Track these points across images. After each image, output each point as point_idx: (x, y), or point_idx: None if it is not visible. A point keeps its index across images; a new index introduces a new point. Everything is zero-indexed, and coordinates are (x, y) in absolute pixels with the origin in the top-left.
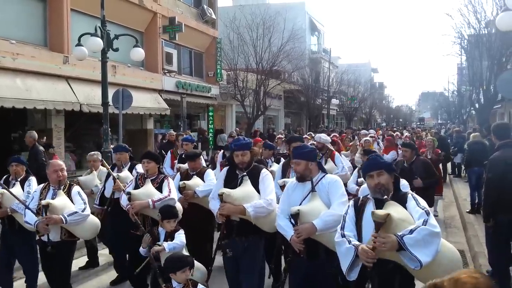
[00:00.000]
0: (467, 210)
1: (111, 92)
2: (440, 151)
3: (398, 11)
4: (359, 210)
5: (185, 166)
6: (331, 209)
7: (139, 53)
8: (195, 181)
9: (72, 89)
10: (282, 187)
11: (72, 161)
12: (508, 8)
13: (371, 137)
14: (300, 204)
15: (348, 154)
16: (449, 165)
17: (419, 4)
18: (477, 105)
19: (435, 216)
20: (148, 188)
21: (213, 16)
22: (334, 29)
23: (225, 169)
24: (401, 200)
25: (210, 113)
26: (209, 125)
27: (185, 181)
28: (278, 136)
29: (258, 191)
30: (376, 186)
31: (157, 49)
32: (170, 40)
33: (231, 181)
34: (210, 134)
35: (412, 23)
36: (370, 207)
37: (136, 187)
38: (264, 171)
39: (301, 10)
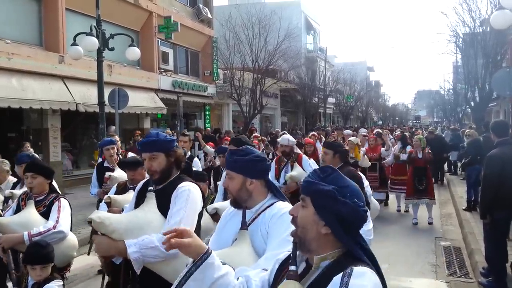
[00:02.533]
0: (464, 208)
1: (107, 91)
2: (429, 150)
3: (394, 10)
4: (276, 279)
5: (116, 175)
6: (257, 264)
7: (134, 53)
8: (129, 195)
9: (68, 89)
10: (215, 217)
11: (68, 161)
12: (503, 6)
13: (363, 136)
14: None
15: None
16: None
17: (414, 2)
18: (472, 103)
19: (430, 223)
20: (27, 214)
21: (209, 15)
22: (330, 28)
23: (141, 182)
24: None
25: (207, 112)
26: (206, 124)
27: (113, 195)
28: (254, 135)
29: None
30: None
31: (153, 48)
32: (166, 39)
33: (143, 198)
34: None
35: (408, 22)
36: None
37: (18, 210)
38: (181, 186)
39: (297, 9)
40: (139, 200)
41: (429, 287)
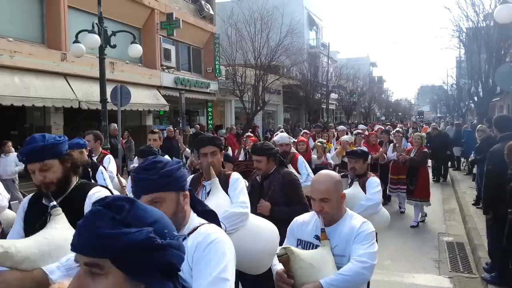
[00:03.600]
0: (473, 203)
1: (109, 88)
2: (426, 150)
3: (397, 5)
4: None
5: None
6: None
7: (136, 50)
8: None
9: (70, 86)
10: None
11: None
12: (506, 0)
13: (358, 133)
14: None
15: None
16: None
17: None
18: (476, 98)
19: (422, 221)
20: None
21: (211, 12)
22: (333, 24)
23: (26, 199)
24: None
25: (209, 109)
26: (208, 121)
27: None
28: (246, 134)
29: None
30: None
31: (155, 45)
32: (168, 36)
33: (39, 218)
34: (210, 130)
35: (411, 17)
36: None
37: None
38: (94, 192)
39: (299, 4)
40: (33, 220)
41: (432, 283)
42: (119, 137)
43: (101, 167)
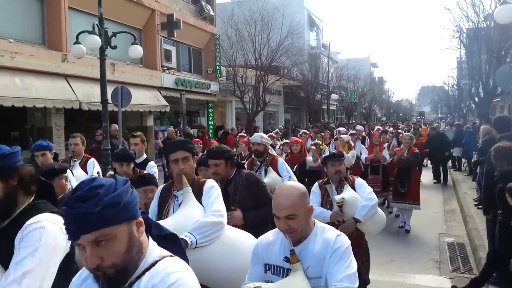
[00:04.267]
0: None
1: (110, 89)
2: (417, 150)
3: (397, 5)
4: None
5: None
6: None
7: (137, 51)
8: None
9: (71, 87)
10: None
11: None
12: (506, 1)
13: (351, 134)
14: None
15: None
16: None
17: None
18: (476, 99)
19: (407, 231)
20: None
21: (211, 13)
22: (333, 24)
23: None
24: None
25: (210, 110)
26: (209, 122)
27: None
28: (240, 135)
29: None
30: None
31: (156, 46)
32: (168, 37)
33: None
34: (210, 131)
35: (411, 17)
36: None
37: None
38: (30, 224)
39: (300, 5)
40: None
41: (433, 283)
42: (119, 137)
43: (68, 172)
